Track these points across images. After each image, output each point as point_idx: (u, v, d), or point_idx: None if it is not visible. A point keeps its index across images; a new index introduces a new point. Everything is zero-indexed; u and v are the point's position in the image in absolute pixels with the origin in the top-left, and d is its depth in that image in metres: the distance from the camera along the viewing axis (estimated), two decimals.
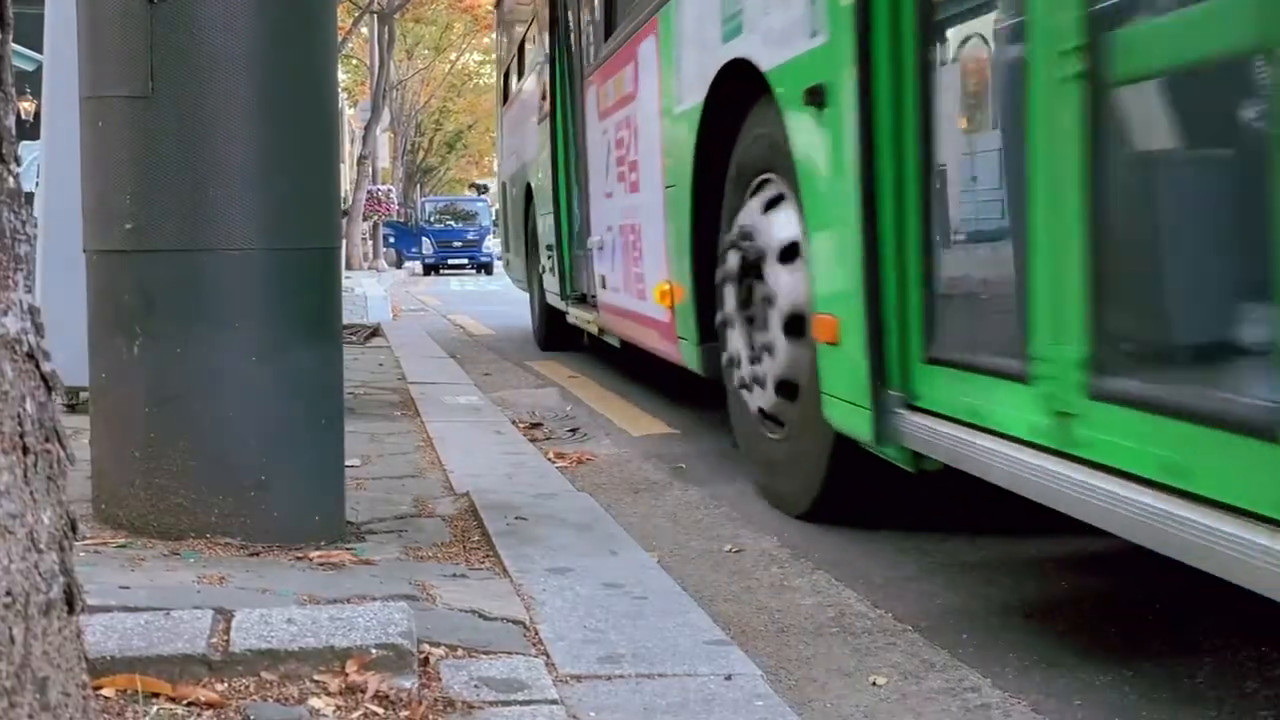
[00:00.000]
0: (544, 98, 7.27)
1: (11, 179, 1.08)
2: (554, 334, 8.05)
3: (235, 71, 2.33)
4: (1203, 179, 1.76)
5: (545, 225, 7.45)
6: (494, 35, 14.77)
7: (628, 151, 4.81)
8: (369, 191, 27.16)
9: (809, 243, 2.88)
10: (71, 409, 3.80)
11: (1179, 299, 1.79)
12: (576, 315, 6.50)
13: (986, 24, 2.31)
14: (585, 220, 6.03)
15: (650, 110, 4.36)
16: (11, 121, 1.09)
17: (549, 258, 7.29)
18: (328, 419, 2.46)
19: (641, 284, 4.62)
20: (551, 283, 7.28)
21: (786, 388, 3.08)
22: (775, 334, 3.07)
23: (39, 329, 1.10)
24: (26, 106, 12.46)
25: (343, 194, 15.96)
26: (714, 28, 3.53)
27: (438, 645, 1.81)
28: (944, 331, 2.40)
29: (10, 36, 1.16)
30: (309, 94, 2.42)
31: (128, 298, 2.34)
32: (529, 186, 8.29)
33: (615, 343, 5.68)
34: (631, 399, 5.64)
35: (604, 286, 5.48)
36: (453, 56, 38.95)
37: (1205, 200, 1.75)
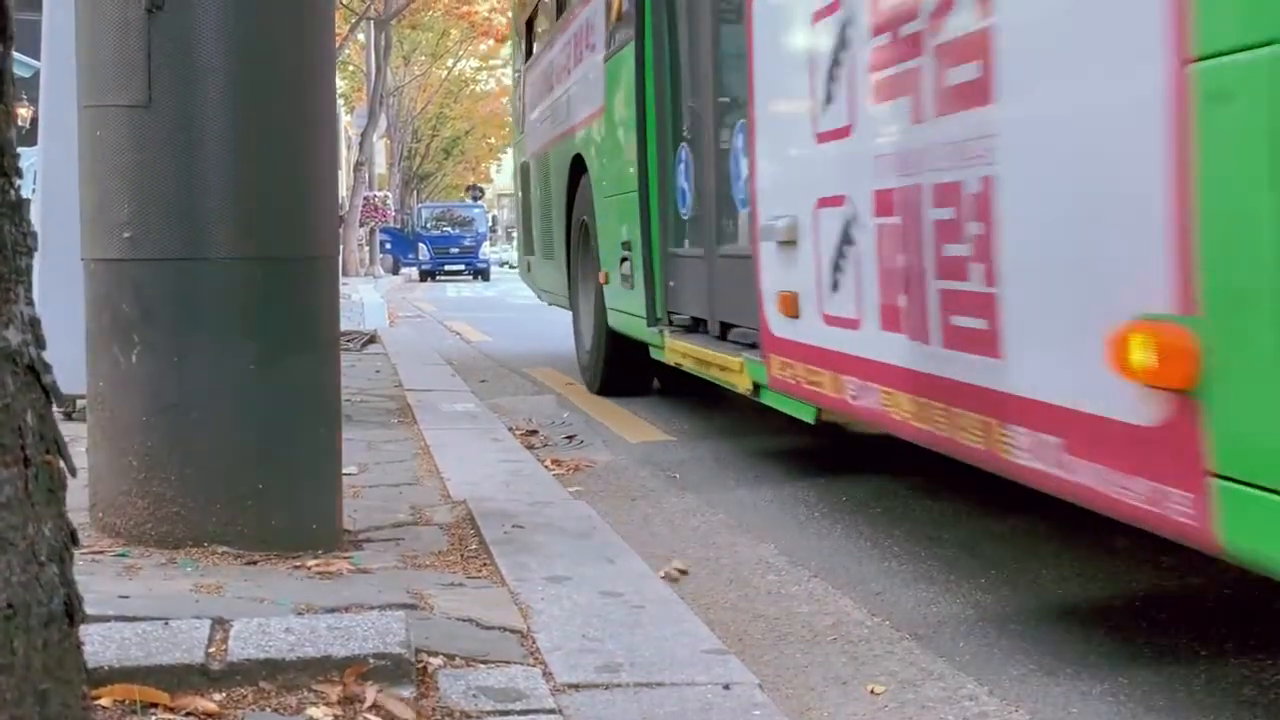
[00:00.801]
0: (618, 19, 5.07)
1: (13, 191, 1.09)
2: (620, 373, 5.72)
3: (233, 79, 2.33)
4: None
5: (615, 212, 5.14)
6: None
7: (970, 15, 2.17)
8: (365, 197, 27.17)
9: None
10: (69, 417, 3.80)
11: None
12: (688, 354, 4.15)
13: None
14: (726, 192, 3.86)
15: None
16: (13, 134, 1.10)
17: (623, 260, 4.99)
18: (325, 427, 2.47)
19: (987, 317, 2.12)
20: (625, 298, 5.04)
21: None
22: None
23: (39, 341, 1.10)
24: (23, 113, 12.48)
25: (339, 200, 15.96)
26: None
27: (435, 654, 1.81)
28: None
29: (11, 48, 1.16)
30: (306, 101, 2.43)
31: (126, 307, 2.34)
32: (578, 160, 5.93)
33: (805, 416, 3.24)
34: (628, 406, 5.64)
35: (796, 313, 3.04)
36: (449, 63, 39.01)
37: None
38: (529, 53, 7.81)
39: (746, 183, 3.50)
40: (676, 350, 4.34)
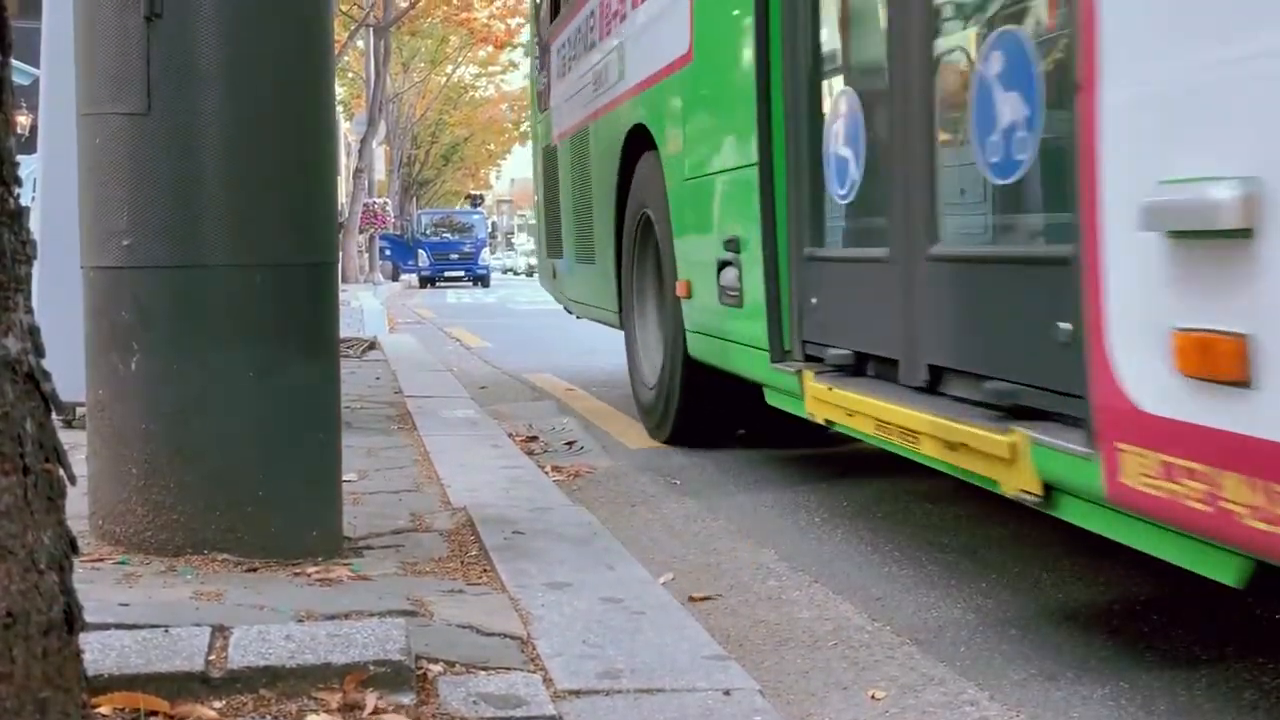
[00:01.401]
0: None
1: (12, 200, 1.09)
2: (703, 417, 4.36)
3: (232, 87, 2.33)
4: None
5: (708, 199, 3.79)
6: None
7: None
8: (365, 204, 27.19)
9: None
10: (68, 425, 3.80)
11: None
12: (861, 411, 2.70)
13: None
14: (959, 153, 2.49)
15: None
16: (12, 143, 1.10)
17: (722, 266, 3.62)
18: (325, 434, 2.47)
19: None
20: (722, 319, 3.69)
21: None
22: None
23: (39, 349, 1.10)
24: (23, 121, 12.49)
25: (339, 207, 16.03)
26: None
27: (436, 661, 1.81)
28: None
29: (10, 56, 1.16)
30: (306, 108, 2.43)
31: (125, 314, 2.35)
32: (638, 133, 4.56)
33: (1220, 574, 1.78)
34: (628, 411, 5.64)
35: (1243, 377, 1.57)
36: (449, 69, 39.07)
37: None
38: (555, 10, 6.37)
39: (1018, 133, 2.20)
40: (832, 402, 2.84)
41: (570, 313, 6.62)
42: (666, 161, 4.21)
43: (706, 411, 4.33)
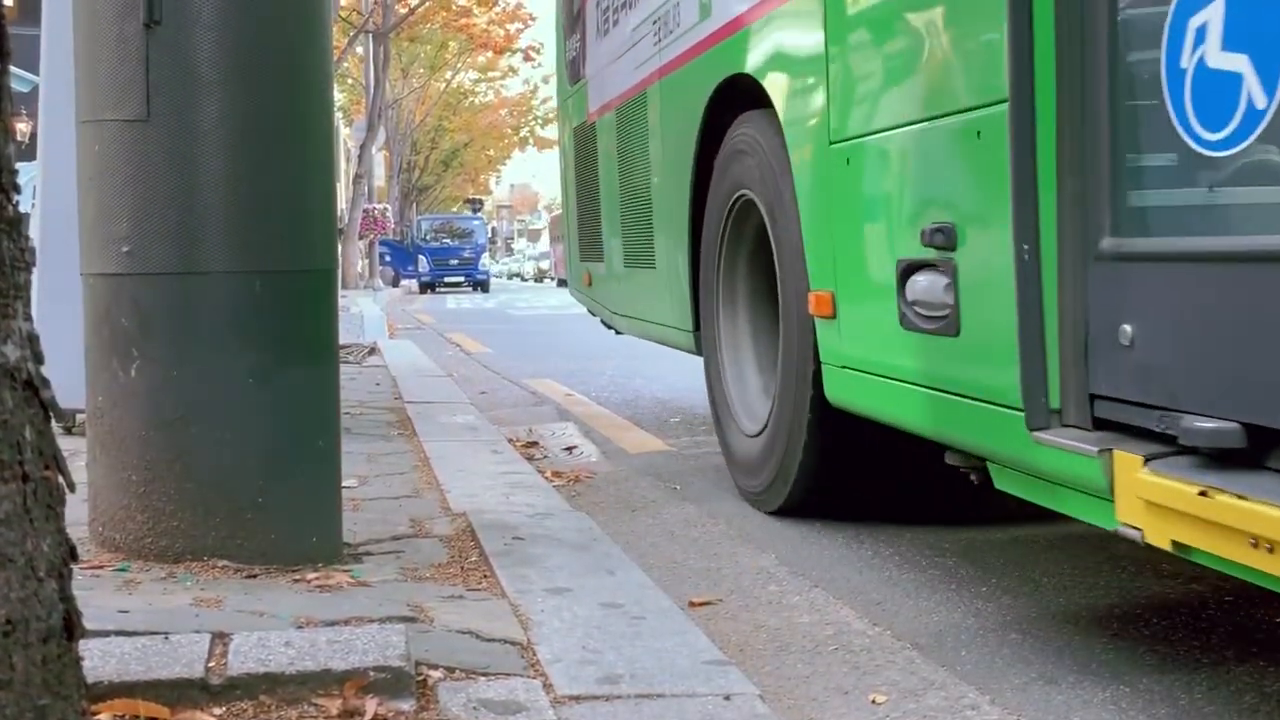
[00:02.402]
0: None
1: (11, 207, 1.09)
2: (840, 481, 3.21)
3: (232, 93, 2.34)
4: None
5: (881, 168, 2.61)
6: None
7: None
8: (365, 210, 27.22)
9: None
10: (68, 432, 3.80)
11: None
12: None
13: None
14: None
15: None
16: (11, 150, 1.10)
17: (911, 271, 2.39)
18: (325, 440, 2.47)
19: None
20: (910, 354, 2.46)
21: None
22: None
23: (38, 357, 1.10)
24: (22, 128, 12.51)
25: (338, 213, 16.03)
26: None
27: (436, 667, 1.81)
28: None
29: (9, 64, 1.16)
30: (305, 114, 2.43)
31: (125, 321, 2.35)
32: (732, 89, 3.48)
33: None
34: (628, 416, 5.64)
35: None
36: (448, 75, 39.12)
37: None
38: None
39: None
40: (1210, 519, 1.61)
41: (611, 328, 5.46)
42: (791, 122, 3.06)
43: (850, 477, 3.16)
